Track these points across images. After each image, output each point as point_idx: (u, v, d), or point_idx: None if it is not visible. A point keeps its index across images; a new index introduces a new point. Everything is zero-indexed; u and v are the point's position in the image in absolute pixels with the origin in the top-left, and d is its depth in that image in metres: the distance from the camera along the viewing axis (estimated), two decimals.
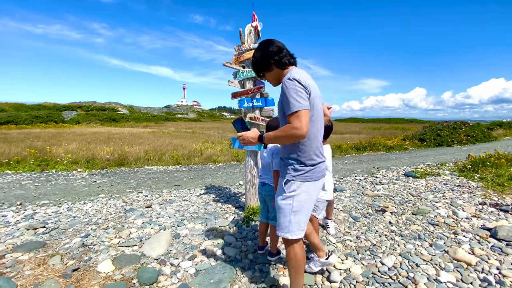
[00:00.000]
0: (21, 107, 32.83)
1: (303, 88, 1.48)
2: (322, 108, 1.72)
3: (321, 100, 1.71)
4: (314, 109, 1.57)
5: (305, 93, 1.49)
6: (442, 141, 12.64)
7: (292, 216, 1.63)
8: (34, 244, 2.75)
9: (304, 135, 1.47)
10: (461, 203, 4.00)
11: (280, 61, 1.64)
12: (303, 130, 1.44)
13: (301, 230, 1.66)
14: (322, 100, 1.78)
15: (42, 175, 6.31)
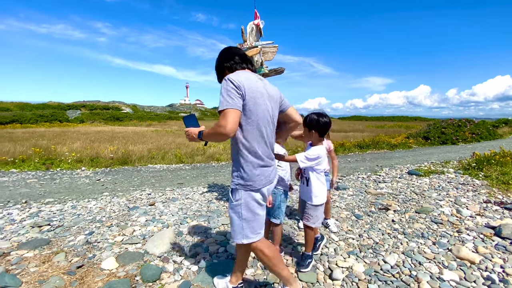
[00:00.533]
0: (26, 107, 33.13)
1: (234, 88, 1.49)
2: (289, 111, 1.83)
3: (276, 103, 1.74)
4: (253, 112, 1.56)
5: (236, 93, 1.49)
6: (446, 139, 12.54)
7: (244, 223, 1.65)
8: (39, 242, 2.78)
9: (229, 134, 1.46)
10: (465, 201, 3.97)
11: (231, 67, 1.70)
12: (226, 128, 1.44)
13: (257, 233, 1.69)
14: (283, 103, 1.81)
15: (47, 174, 6.38)
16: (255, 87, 1.58)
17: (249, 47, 3.26)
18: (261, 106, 1.59)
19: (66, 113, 33.39)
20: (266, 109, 1.63)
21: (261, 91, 1.61)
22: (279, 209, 2.29)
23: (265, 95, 1.63)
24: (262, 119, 1.60)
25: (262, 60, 3.25)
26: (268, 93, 1.67)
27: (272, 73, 3.27)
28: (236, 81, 1.50)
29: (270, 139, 1.70)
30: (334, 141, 11.74)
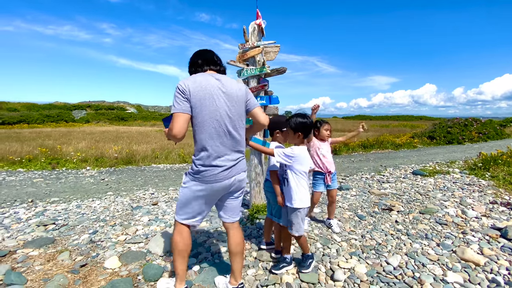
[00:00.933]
0: (33, 107, 33.61)
1: (180, 93, 1.60)
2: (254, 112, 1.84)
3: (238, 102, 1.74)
4: (199, 112, 1.63)
5: (181, 97, 1.59)
6: (452, 138, 12.38)
7: (180, 204, 1.82)
8: (44, 240, 2.82)
9: (176, 136, 1.59)
10: (470, 202, 3.91)
11: (195, 71, 1.80)
12: (173, 131, 1.58)
13: (183, 218, 1.81)
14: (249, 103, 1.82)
15: (52, 173, 6.47)
16: (202, 89, 1.63)
17: (251, 47, 3.25)
18: (208, 107, 1.64)
19: (72, 113, 33.78)
20: (216, 109, 1.66)
21: (212, 92, 1.65)
22: (280, 209, 2.28)
23: (216, 95, 1.67)
24: (210, 118, 1.65)
25: (264, 59, 3.25)
26: (224, 92, 1.70)
27: (274, 73, 3.27)
28: (182, 86, 1.60)
29: (224, 138, 1.70)
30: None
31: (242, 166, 1.85)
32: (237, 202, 1.92)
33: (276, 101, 3.39)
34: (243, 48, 3.34)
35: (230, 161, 1.74)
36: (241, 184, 1.87)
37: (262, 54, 3.27)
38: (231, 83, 1.77)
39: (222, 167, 1.72)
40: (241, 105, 1.78)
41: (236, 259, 1.91)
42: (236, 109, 1.75)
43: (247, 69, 3.28)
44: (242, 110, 1.80)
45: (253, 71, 3.24)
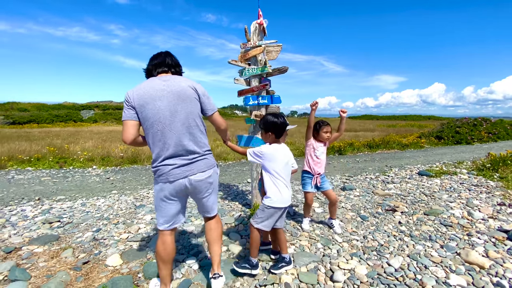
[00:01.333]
0: (42, 107, 34.30)
1: (125, 102, 1.71)
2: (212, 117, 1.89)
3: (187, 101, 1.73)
4: (144, 117, 1.70)
5: (126, 105, 1.71)
6: (461, 138, 12.14)
7: (156, 210, 1.88)
8: (49, 238, 2.87)
9: (124, 141, 1.71)
10: (477, 203, 3.83)
11: (148, 76, 1.88)
12: (122, 137, 1.72)
13: (161, 224, 1.85)
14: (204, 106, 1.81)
15: (60, 172, 6.58)
16: (144, 94, 1.69)
17: (253, 46, 3.25)
18: (151, 110, 1.69)
19: (80, 113, 34.34)
20: (158, 111, 1.68)
21: (154, 95, 1.69)
22: None
23: (159, 97, 1.69)
24: (155, 121, 1.70)
25: (266, 59, 3.24)
26: (170, 91, 1.71)
27: (276, 72, 3.26)
28: (126, 95, 1.72)
29: (172, 139, 1.71)
30: (343, 141, 11.59)
31: (200, 165, 1.79)
32: (207, 200, 1.92)
33: (278, 100, 3.38)
34: (244, 48, 3.34)
35: (181, 160, 1.74)
36: (201, 185, 1.81)
37: (263, 53, 3.26)
38: (179, 82, 1.75)
39: (172, 166, 1.73)
40: (191, 103, 1.75)
41: (216, 246, 1.98)
42: (186, 108, 1.73)
43: (249, 68, 3.27)
44: (194, 108, 1.76)
45: (255, 71, 3.24)
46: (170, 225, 1.86)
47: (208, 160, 1.85)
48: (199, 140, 1.80)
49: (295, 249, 2.63)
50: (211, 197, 1.94)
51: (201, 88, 1.80)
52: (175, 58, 1.91)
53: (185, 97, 1.73)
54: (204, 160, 1.82)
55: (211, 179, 1.86)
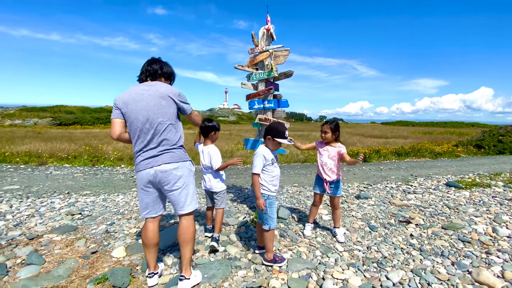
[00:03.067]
0: (86, 110, 37.49)
1: (114, 104, 2.00)
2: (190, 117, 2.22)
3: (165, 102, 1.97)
4: (128, 118, 1.97)
5: (114, 107, 2.00)
6: (504, 148, 10.98)
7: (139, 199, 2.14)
8: (68, 228, 3.16)
9: (111, 136, 2.01)
10: (507, 219, 3.46)
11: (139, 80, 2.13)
12: (110, 133, 2.02)
13: (141, 212, 2.10)
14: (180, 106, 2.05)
15: (91, 169, 7.16)
16: (129, 97, 1.96)
17: (260, 51, 3.30)
18: (132, 111, 1.95)
19: None
20: (138, 111, 1.94)
21: (136, 98, 1.95)
22: (265, 214, 2.27)
23: (140, 99, 1.94)
24: (134, 119, 1.96)
25: (273, 63, 3.27)
26: (150, 95, 1.95)
27: (282, 76, 3.27)
28: (115, 99, 2.01)
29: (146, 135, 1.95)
30: (369, 147, 11.10)
31: (166, 158, 1.97)
32: (175, 195, 2.02)
33: (285, 104, 3.38)
34: (253, 53, 3.41)
35: (151, 152, 1.97)
36: (166, 176, 1.96)
37: (271, 58, 3.29)
38: (159, 87, 1.98)
39: (142, 157, 1.98)
40: (167, 105, 1.97)
41: (182, 249, 2.08)
42: (162, 109, 1.95)
43: (256, 73, 3.33)
44: (169, 109, 1.98)
45: (261, 75, 3.28)
46: (147, 213, 2.08)
47: (175, 154, 2.01)
48: (170, 137, 2.00)
49: (292, 254, 2.60)
50: (182, 191, 2.03)
51: (176, 92, 2.03)
52: (166, 66, 2.15)
53: (161, 100, 1.96)
54: (170, 153, 1.99)
55: (178, 172, 1.99)
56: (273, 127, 2.27)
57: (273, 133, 2.21)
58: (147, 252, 2.10)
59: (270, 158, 2.22)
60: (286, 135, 2.21)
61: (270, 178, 2.26)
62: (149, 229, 2.08)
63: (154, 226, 2.09)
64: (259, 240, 2.56)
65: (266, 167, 2.22)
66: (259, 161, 2.19)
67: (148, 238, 2.07)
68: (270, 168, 2.24)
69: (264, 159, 2.20)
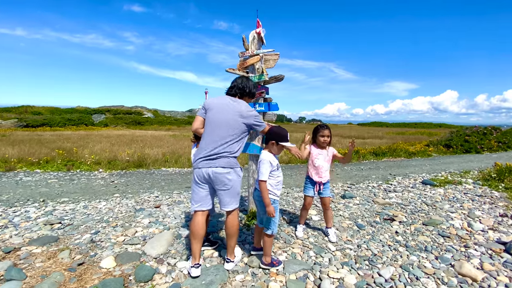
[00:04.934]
0: (56, 111, 35.33)
1: (203, 104, 2.45)
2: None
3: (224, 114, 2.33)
4: (207, 119, 2.38)
5: (202, 106, 2.46)
6: (470, 147, 11.86)
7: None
8: (48, 239, 2.96)
9: (192, 130, 2.52)
10: (479, 214, 3.74)
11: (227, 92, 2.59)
12: (192, 125, 2.48)
13: (193, 204, 2.38)
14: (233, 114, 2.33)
15: (67, 175, 6.76)
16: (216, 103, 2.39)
17: (251, 55, 3.31)
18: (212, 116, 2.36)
19: (91, 117, 35.19)
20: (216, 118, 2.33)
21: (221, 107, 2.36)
22: (267, 218, 2.29)
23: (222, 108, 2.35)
24: (210, 122, 2.35)
25: (263, 67, 3.29)
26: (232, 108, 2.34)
27: (273, 80, 3.30)
28: (204, 102, 2.47)
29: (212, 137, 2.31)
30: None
31: (222, 162, 2.25)
32: (222, 194, 2.31)
33: (275, 108, 3.41)
34: (243, 56, 3.41)
35: (213, 156, 2.26)
36: (220, 177, 2.24)
37: (261, 62, 3.32)
38: (240, 105, 2.36)
39: (204, 156, 2.28)
40: (238, 120, 2.32)
41: (228, 239, 2.41)
42: (233, 122, 2.31)
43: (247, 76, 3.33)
44: (238, 124, 2.32)
45: (252, 79, 3.29)
46: (199, 206, 2.34)
47: (230, 161, 2.28)
48: (232, 147, 2.30)
49: (287, 256, 2.63)
50: (229, 192, 2.30)
51: (253, 115, 2.36)
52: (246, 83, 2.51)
53: (239, 118, 2.31)
54: (226, 159, 2.27)
55: (229, 176, 2.27)
56: (276, 131, 2.28)
57: (277, 138, 2.24)
58: (194, 243, 2.29)
59: (276, 163, 2.28)
60: (288, 138, 2.27)
61: (275, 183, 2.29)
62: (198, 219, 2.31)
63: (203, 218, 2.35)
64: (257, 241, 2.56)
65: (271, 172, 2.25)
66: (266, 168, 2.20)
67: (196, 230, 2.29)
68: (275, 173, 2.29)
69: (270, 165, 2.22)
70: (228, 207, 2.34)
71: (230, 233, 2.37)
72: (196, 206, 2.34)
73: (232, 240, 2.39)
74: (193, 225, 2.31)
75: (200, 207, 2.34)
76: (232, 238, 2.38)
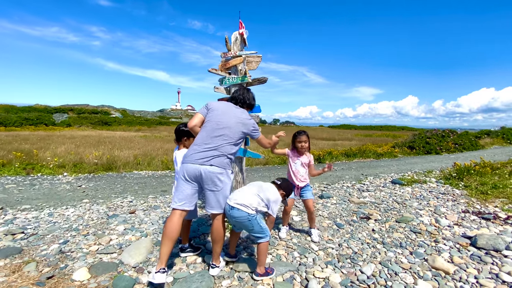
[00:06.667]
0: (11, 109, 32.18)
1: (204, 107, 2.45)
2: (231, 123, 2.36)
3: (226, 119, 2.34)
4: (208, 118, 2.36)
5: (205, 106, 2.45)
6: (430, 149, 12.85)
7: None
8: (10, 250, 2.67)
9: (188, 124, 2.43)
10: (444, 211, 4.05)
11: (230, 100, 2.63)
12: (190, 121, 2.40)
13: (174, 201, 2.27)
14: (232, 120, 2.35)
15: (26, 179, 6.18)
16: (220, 106, 2.43)
17: (233, 56, 3.29)
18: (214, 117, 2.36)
19: (52, 117, 32.57)
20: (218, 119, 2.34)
21: (224, 110, 2.40)
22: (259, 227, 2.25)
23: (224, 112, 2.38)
24: (213, 122, 2.34)
25: (246, 69, 3.28)
26: (233, 114, 2.39)
27: (256, 82, 3.30)
28: (207, 103, 2.47)
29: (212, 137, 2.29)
30: (323, 149, 11.85)
31: (216, 161, 2.21)
32: (211, 194, 2.24)
33: (257, 109, 3.41)
34: (225, 57, 3.37)
35: (207, 153, 2.22)
36: (211, 177, 2.18)
37: (244, 63, 3.30)
38: (242, 113, 2.44)
39: (197, 151, 2.24)
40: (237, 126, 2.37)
41: (213, 244, 2.33)
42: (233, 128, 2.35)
43: (229, 77, 3.30)
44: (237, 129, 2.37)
45: (235, 80, 3.27)
46: (182, 205, 2.23)
47: (224, 161, 2.25)
48: (227, 149, 2.29)
49: (272, 258, 2.64)
50: (218, 194, 2.24)
51: (251, 124, 2.44)
52: (247, 94, 2.60)
53: (239, 124, 2.36)
54: (220, 159, 2.24)
55: (221, 177, 2.22)
56: (290, 188, 2.60)
57: (288, 192, 2.56)
58: (164, 243, 2.14)
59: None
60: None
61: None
62: (173, 221, 2.20)
63: (180, 219, 2.24)
64: (232, 247, 2.51)
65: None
66: (278, 208, 2.46)
67: (171, 229, 2.16)
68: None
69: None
70: (214, 210, 2.28)
71: (216, 238, 2.30)
72: (178, 205, 2.22)
73: (218, 246, 2.31)
74: (168, 223, 2.18)
75: (182, 206, 2.23)
76: (218, 243, 2.30)
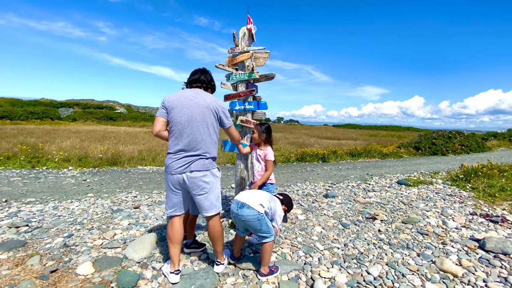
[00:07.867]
0: (17, 103, 32.50)
1: (161, 104, 2.16)
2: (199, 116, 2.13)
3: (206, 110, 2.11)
4: (171, 119, 2.11)
5: (161, 105, 2.16)
6: (436, 150, 12.69)
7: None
8: (14, 243, 2.68)
9: (152, 132, 2.18)
10: (451, 212, 3.98)
11: (186, 85, 2.34)
12: (152, 128, 2.16)
13: (168, 210, 2.23)
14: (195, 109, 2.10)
15: (31, 172, 6.22)
16: (177, 100, 2.11)
17: (241, 51, 3.24)
18: (177, 114, 2.09)
19: (58, 111, 32.83)
20: (182, 115, 2.08)
21: (184, 102, 2.09)
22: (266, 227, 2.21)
23: (185, 104, 2.09)
24: (177, 122, 2.09)
25: (254, 65, 3.23)
26: (196, 103, 2.10)
27: (263, 79, 3.25)
28: (163, 100, 2.16)
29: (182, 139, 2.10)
30: (327, 148, 11.77)
31: (197, 165, 2.09)
32: (201, 199, 2.14)
33: (264, 106, 3.37)
34: (232, 53, 3.32)
35: (185, 159, 2.09)
36: (196, 182, 2.09)
37: (251, 59, 3.25)
38: (205, 97, 2.14)
39: (175, 159, 2.11)
40: (209, 115, 2.12)
41: (213, 244, 2.28)
42: (204, 118, 2.09)
43: (236, 73, 3.25)
44: (210, 119, 2.12)
45: (242, 76, 3.22)
46: (173, 211, 2.20)
47: (205, 162, 2.13)
48: (205, 145, 2.12)
49: (277, 256, 2.61)
50: (208, 196, 2.15)
51: (221, 105, 2.18)
52: (209, 75, 2.31)
53: (206, 110, 2.10)
54: (201, 161, 2.11)
55: (206, 179, 2.12)
56: (292, 204, 2.64)
57: (289, 208, 2.60)
58: (171, 247, 2.18)
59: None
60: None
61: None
62: (175, 224, 2.20)
63: (180, 222, 2.22)
64: (237, 250, 2.45)
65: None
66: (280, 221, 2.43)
67: (173, 234, 2.18)
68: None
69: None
70: (209, 212, 2.17)
71: (214, 238, 2.23)
72: (169, 211, 2.22)
73: (218, 245, 2.26)
74: (169, 229, 2.21)
75: (174, 212, 2.21)
76: (218, 242, 2.24)
